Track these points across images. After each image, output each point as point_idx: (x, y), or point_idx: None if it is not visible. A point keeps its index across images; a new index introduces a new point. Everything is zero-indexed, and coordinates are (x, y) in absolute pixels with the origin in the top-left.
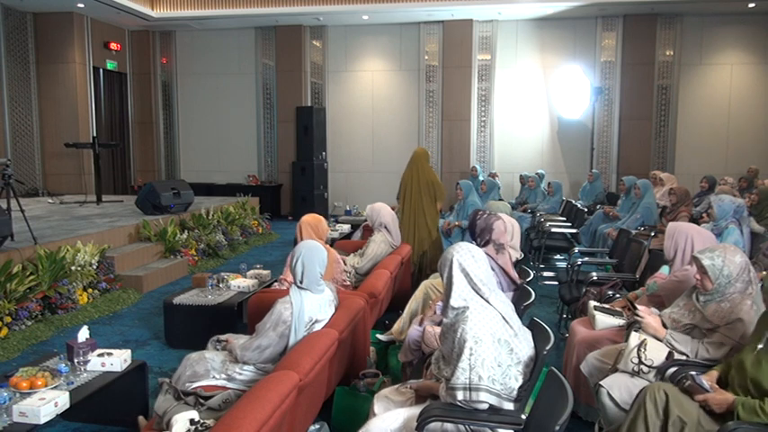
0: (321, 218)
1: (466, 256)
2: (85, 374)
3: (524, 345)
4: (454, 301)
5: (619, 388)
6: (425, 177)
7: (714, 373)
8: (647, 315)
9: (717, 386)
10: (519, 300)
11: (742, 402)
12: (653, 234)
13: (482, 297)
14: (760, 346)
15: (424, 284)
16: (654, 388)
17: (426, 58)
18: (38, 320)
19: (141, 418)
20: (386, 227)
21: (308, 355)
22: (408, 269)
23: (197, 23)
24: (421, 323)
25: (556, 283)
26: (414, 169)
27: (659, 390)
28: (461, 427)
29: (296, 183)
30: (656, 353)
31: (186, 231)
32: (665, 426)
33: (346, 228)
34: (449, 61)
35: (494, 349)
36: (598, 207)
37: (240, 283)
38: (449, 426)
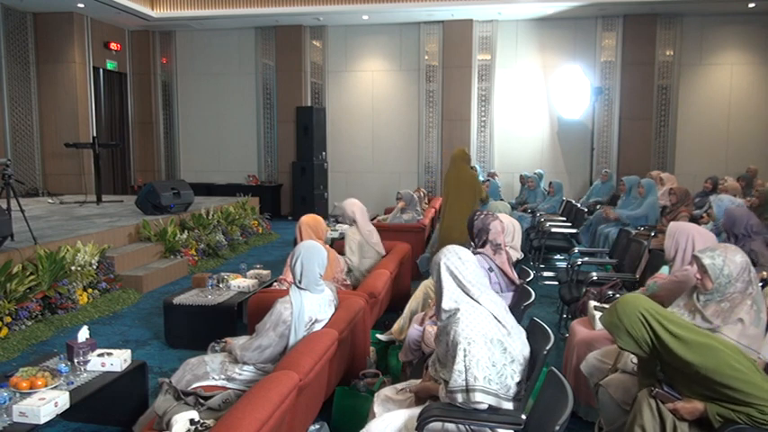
0: (320, 218)
1: (453, 258)
2: (85, 374)
3: (518, 343)
4: (445, 304)
5: (619, 388)
6: (460, 178)
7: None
8: None
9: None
10: (519, 300)
11: (717, 411)
12: (653, 234)
13: (472, 297)
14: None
15: (423, 284)
16: (646, 393)
17: (426, 58)
18: (38, 320)
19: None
20: (354, 220)
21: (308, 355)
22: (408, 269)
23: (197, 23)
24: (421, 323)
25: (556, 283)
26: (452, 169)
27: (651, 394)
28: (462, 426)
29: (296, 183)
30: None
31: (186, 231)
32: (663, 429)
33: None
34: (449, 61)
35: (486, 350)
36: (598, 207)
37: (240, 283)
38: (449, 426)
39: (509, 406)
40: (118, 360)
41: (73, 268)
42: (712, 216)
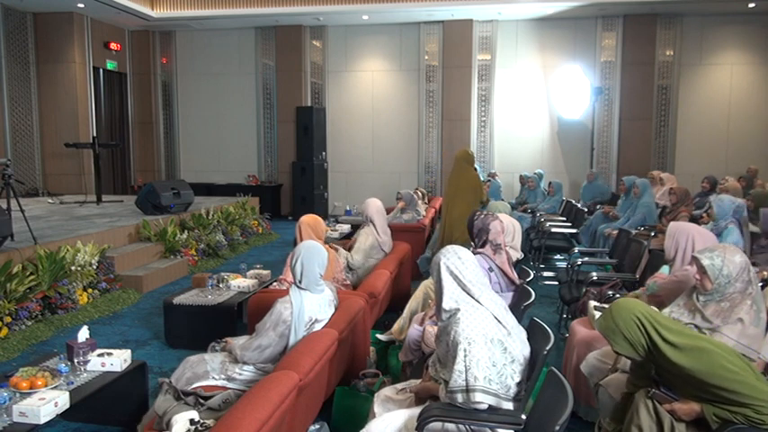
0: (320, 218)
1: (452, 258)
2: (85, 374)
3: (518, 343)
4: (446, 304)
5: (619, 388)
6: (462, 179)
7: None
8: None
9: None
10: (519, 300)
11: (713, 412)
12: (653, 234)
13: (472, 297)
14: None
15: (423, 284)
16: (643, 393)
17: (426, 58)
18: (38, 320)
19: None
20: (371, 221)
21: (308, 355)
22: (408, 269)
23: (197, 23)
24: (421, 323)
25: (556, 283)
26: (454, 170)
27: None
28: (462, 426)
29: (296, 183)
30: None
31: (186, 231)
32: (660, 429)
33: (346, 228)
34: (449, 61)
35: (487, 350)
36: (598, 207)
37: (240, 283)
38: (449, 426)
39: (509, 406)
40: (118, 360)
41: (73, 268)
42: (712, 216)
